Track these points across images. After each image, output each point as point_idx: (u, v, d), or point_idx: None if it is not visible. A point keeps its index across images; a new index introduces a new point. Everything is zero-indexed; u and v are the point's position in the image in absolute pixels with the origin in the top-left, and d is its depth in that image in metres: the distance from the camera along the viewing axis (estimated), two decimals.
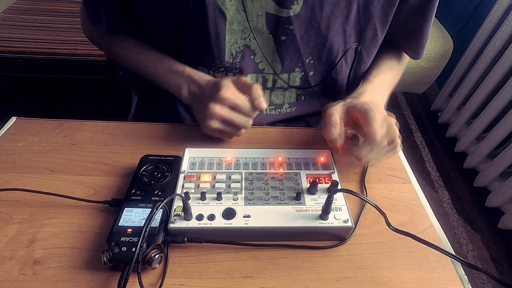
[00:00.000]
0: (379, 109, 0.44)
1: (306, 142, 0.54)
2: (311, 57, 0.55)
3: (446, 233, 0.42)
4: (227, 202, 0.40)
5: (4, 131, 0.52)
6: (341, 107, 0.47)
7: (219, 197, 0.40)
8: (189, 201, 0.38)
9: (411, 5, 0.52)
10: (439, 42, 1.60)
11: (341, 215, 0.39)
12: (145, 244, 0.34)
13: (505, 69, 1.23)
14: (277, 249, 0.38)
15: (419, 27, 0.56)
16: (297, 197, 0.41)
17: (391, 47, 0.64)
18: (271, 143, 0.53)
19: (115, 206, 0.40)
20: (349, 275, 0.36)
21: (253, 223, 0.38)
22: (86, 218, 0.40)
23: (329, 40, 0.53)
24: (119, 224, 0.36)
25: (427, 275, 0.37)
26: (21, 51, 1.36)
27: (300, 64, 0.55)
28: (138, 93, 0.82)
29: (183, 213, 0.38)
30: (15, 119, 0.54)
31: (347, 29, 0.52)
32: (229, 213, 0.39)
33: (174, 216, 0.38)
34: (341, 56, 0.56)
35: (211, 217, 0.38)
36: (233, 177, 0.44)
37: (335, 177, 0.44)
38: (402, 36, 0.60)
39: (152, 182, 0.42)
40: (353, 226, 0.39)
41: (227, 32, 0.50)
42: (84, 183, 0.45)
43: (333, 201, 0.38)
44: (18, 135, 0.51)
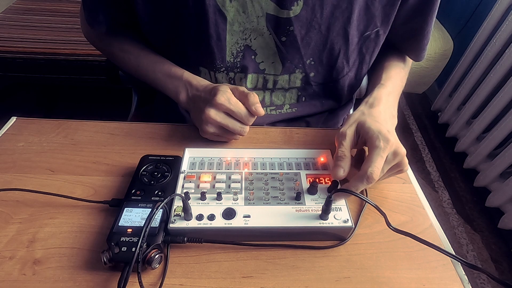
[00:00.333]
0: (391, 141, 0.41)
1: (306, 142, 0.54)
2: (312, 58, 0.55)
3: (446, 233, 0.42)
4: (227, 202, 0.40)
5: (4, 131, 0.52)
6: (353, 130, 0.45)
7: (219, 197, 0.40)
8: (189, 201, 0.38)
9: (411, 6, 0.52)
10: (439, 42, 1.60)
11: (341, 215, 0.39)
12: (145, 244, 0.34)
13: (505, 69, 1.22)
14: (277, 249, 0.38)
15: (419, 29, 0.56)
16: (297, 197, 0.41)
17: (394, 50, 0.63)
18: (271, 143, 0.53)
19: (115, 206, 0.40)
20: (349, 275, 0.36)
21: (253, 223, 0.38)
22: (86, 218, 0.40)
23: (330, 41, 0.53)
24: (119, 224, 0.36)
25: (427, 275, 0.37)
26: (21, 51, 1.36)
27: (301, 65, 0.55)
28: (138, 93, 0.82)
29: (183, 213, 0.38)
30: (15, 119, 0.54)
31: (348, 31, 0.52)
32: (229, 213, 0.39)
33: (174, 216, 0.38)
34: (360, 44, 0.54)
35: (211, 217, 0.38)
36: (233, 177, 0.44)
37: None
38: (403, 38, 0.60)
39: (152, 182, 0.42)
40: (353, 226, 0.39)
41: (228, 33, 0.50)
42: (84, 183, 0.45)
43: (333, 201, 0.38)
44: (18, 135, 0.51)
